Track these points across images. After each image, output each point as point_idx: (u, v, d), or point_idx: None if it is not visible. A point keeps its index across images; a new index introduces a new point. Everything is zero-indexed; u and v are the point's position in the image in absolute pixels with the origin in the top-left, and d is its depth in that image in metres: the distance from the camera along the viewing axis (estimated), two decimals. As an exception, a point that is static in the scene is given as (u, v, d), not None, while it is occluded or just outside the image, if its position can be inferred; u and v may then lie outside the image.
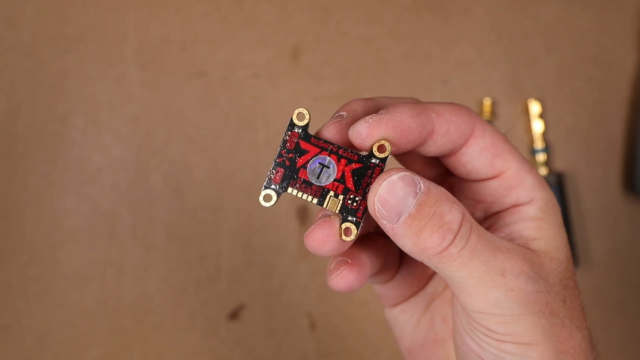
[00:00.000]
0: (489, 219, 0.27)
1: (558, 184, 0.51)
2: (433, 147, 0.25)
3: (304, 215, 0.52)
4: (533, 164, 0.27)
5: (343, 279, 0.25)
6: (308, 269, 0.52)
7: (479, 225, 0.23)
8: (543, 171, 0.52)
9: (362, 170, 0.24)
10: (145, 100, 0.52)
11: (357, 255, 0.26)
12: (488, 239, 0.23)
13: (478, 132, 0.25)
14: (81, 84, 0.52)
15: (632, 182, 0.51)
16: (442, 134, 0.24)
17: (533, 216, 0.25)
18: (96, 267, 0.51)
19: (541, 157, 0.52)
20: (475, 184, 0.27)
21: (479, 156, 0.25)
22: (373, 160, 0.23)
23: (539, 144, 0.52)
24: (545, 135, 0.52)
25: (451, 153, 0.26)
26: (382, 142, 0.23)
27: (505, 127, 0.53)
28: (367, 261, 0.26)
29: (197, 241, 0.52)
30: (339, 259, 0.26)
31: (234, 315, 0.52)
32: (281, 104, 0.53)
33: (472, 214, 0.27)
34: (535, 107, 0.52)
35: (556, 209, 0.26)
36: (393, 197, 0.22)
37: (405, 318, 0.31)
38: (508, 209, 0.26)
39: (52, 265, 0.51)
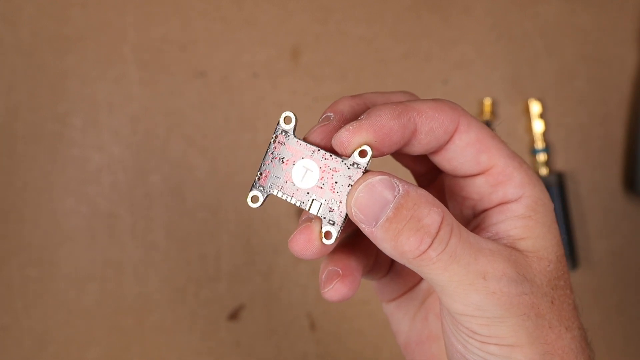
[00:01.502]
0: (477, 217, 0.27)
1: (558, 184, 0.51)
2: (418, 146, 0.25)
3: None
4: (524, 160, 0.26)
5: (337, 292, 0.26)
6: (308, 269, 0.52)
7: (461, 227, 0.23)
8: (543, 171, 0.52)
9: (344, 175, 0.24)
10: (145, 100, 0.52)
11: (347, 262, 0.26)
12: (470, 241, 0.23)
13: (462, 127, 0.25)
14: (81, 83, 0.52)
15: (633, 182, 0.51)
16: (425, 132, 0.24)
17: (520, 214, 0.25)
18: (96, 267, 0.51)
19: (542, 157, 0.52)
20: (463, 180, 0.26)
21: (463, 152, 0.25)
22: (354, 165, 0.24)
23: (539, 144, 0.52)
24: (545, 135, 0.52)
25: (437, 150, 0.25)
26: (364, 147, 0.23)
27: (505, 127, 0.53)
28: (357, 267, 0.26)
29: (197, 241, 0.52)
30: (330, 269, 0.26)
31: (233, 315, 0.52)
32: (281, 104, 0.53)
33: (461, 212, 0.27)
34: (535, 107, 0.52)
35: (547, 207, 0.25)
36: (370, 200, 0.22)
37: (401, 314, 0.31)
38: (496, 206, 0.26)
39: (52, 265, 0.51)
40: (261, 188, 0.24)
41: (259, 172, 0.24)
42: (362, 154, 0.23)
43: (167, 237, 0.52)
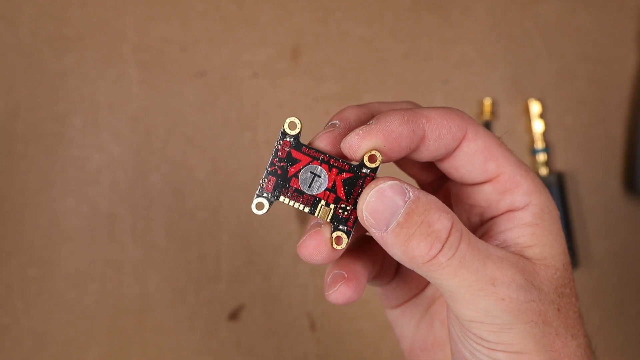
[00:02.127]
0: (485, 224, 0.27)
1: (558, 184, 0.51)
2: (426, 153, 0.25)
3: (304, 216, 0.52)
4: (530, 168, 0.26)
5: (341, 294, 0.26)
6: (308, 269, 0.52)
7: (470, 233, 0.23)
8: (543, 171, 0.52)
9: (353, 180, 0.24)
10: (145, 100, 0.52)
11: (353, 266, 0.26)
12: (479, 248, 0.23)
13: (470, 135, 0.25)
14: (80, 83, 0.52)
15: (633, 182, 0.51)
16: (433, 138, 0.24)
17: (528, 222, 0.25)
18: (96, 268, 0.51)
19: (541, 157, 0.52)
20: (470, 188, 0.26)
21: (471, 159, 0.25)
22: (364, 170, 0.24)
23: (539, 144, 0.52)
24: (545, 135, 0.52)
25: (444, 157, 0.25)
26: (373, 152, 0.23)
27: (506, 127, 0.53)
28: (362, 272, 0.27)
29: (197, 241, 0.52)
30: (335, 272, 0.26)
31: (233, 315, 0.52)
32: (281, 104, 0.53)
33: (468, 219, 0.27)
34: (535, 107, 0.52)
35: (553, 215, 0.25)
36: (381, 205, 0.23)
37: (405, 320, 0.31)
38: (503, 214, 0.26)
39: (52, 265, 0.51)
40: (266, 195, 0.24)
41: (263, 179, 0.24)
42: (372, 159, 0.23)
43: (167, 237, 0.52)
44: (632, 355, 0.52)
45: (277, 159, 0.24)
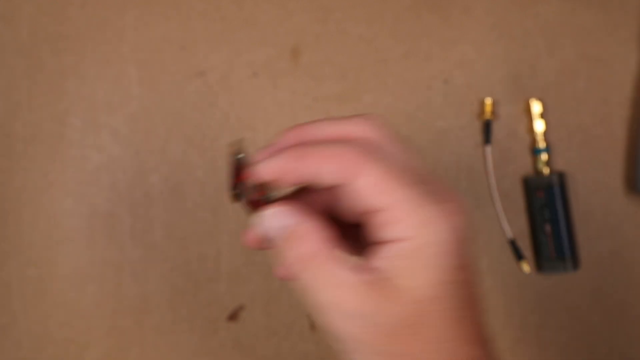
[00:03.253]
0: (368, 247, 0.28)
1: (560, 184, 0.51)
2: (320, 184, 0.28)
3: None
4: (426, 201, 0.27)
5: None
6: (308, 269, 0.51)
7: (335, 260, 0.27)
8: (545, 171, 0.52)
9: (257, 201, 0.29)
10: (145, 99, 0.52)
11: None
12: (334, 273, 0.27)
13: (364, 170, 0.27)
14: (80, 83, 0.52)
15: (634, 182, 0.51)
16: (324, 174, 0.27)
17: (404, 255, 0.26)
18: (95, 268, 0.51)
19: (543, 156, 0.52)
20: (360, 215, 0.28)
21: (359, 194, 0.27)
22: (262, 196, 0.29)
23: (540, 144, 0.52)
24: (546, 135, 0.52)
25: (339, 187, 0.27)
26: (270, 181, 0.28)
27: (506, 127, 0.53)
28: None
29: (196, 241, 0.52)
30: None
31: (233, 316, 0.51)
32: (281, 104, 0.52)
33: (356, 241, 0.30)
34: (536, 107, 0.52)
35: (435, 250, 0.26)
36: (268, 227, 0.28)
37: None
38: (385, 243, 0.27)
39: (51, 265, 0.51)
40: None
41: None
42: (266, 186, 0.29)
43: (166, 237, 0.52)
44: (633, 357, 0.52)
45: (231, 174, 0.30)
